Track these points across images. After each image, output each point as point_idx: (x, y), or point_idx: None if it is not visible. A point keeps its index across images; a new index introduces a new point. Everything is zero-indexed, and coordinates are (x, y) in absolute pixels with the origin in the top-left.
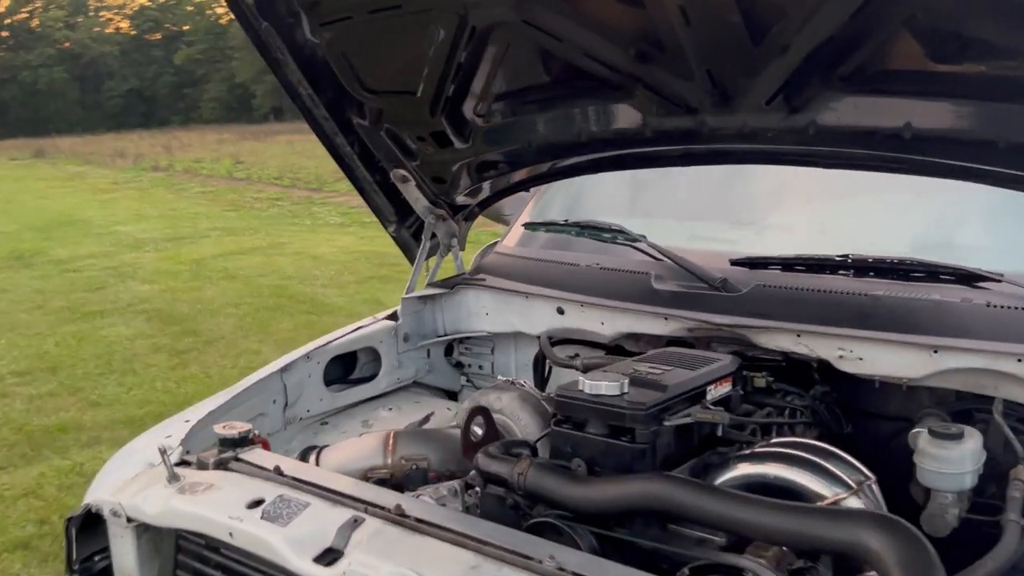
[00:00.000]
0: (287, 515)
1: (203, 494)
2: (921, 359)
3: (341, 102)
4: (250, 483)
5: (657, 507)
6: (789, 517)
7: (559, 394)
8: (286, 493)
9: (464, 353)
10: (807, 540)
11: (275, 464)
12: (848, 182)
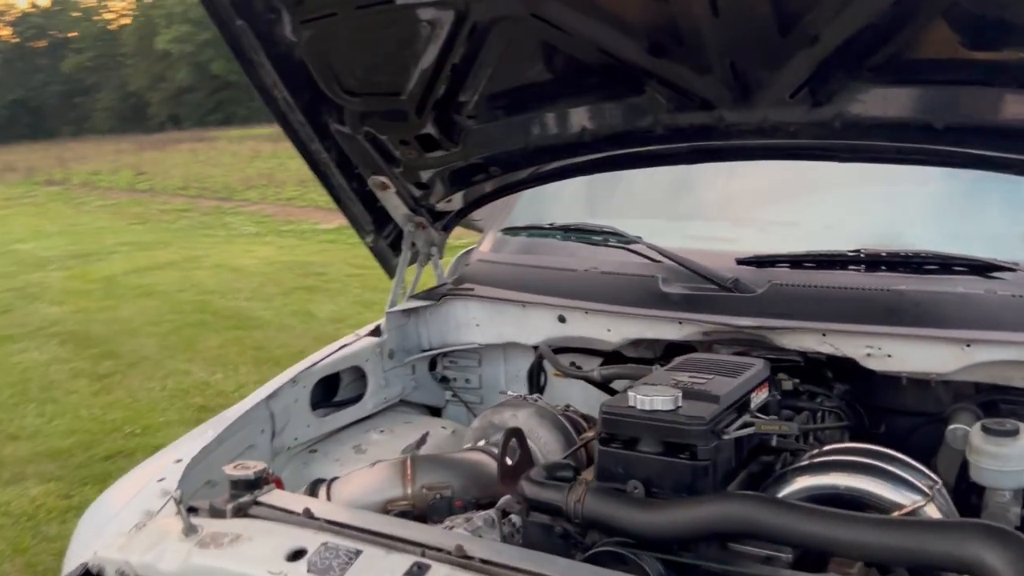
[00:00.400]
0: (338, 566)
1: (230, 547)
2: (953, 353)
3: (318, 106)
4: (282, 530)
5: (739, 529)
6: (894, 533)
7: (607, 411)
8: (329, 540)
9: (449, 367)
10: (915, 556)
11: (303, 506)
12: (847, 174)
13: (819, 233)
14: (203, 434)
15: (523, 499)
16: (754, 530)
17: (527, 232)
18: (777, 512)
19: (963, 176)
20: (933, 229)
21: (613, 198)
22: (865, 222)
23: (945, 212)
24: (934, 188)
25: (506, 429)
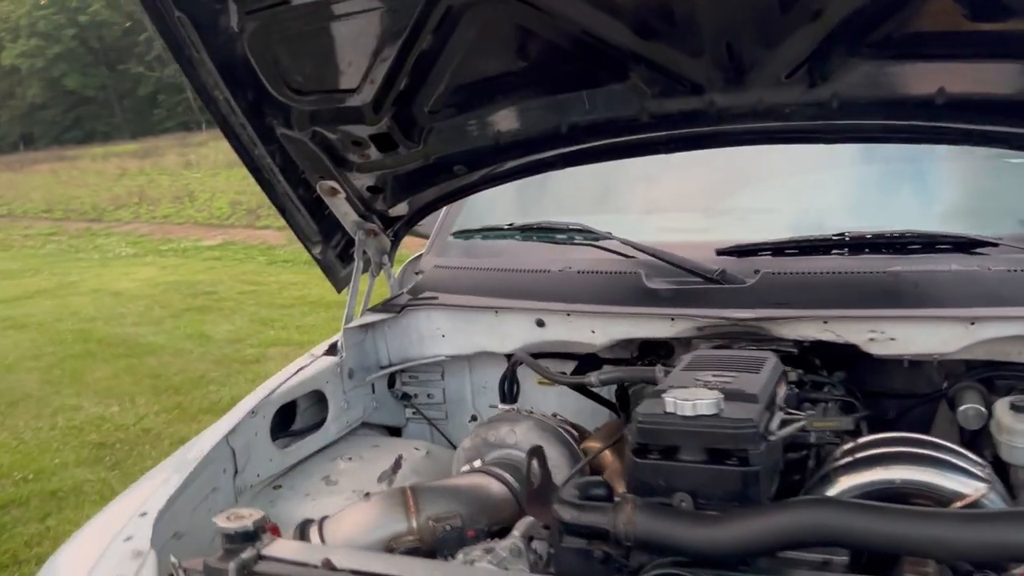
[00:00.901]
0: None
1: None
2: (957, 332)
3: (262, 107)
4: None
5: (816, 537)
6: (986, 527)
7: (643, 420)
8: None
9: (409, 383)
10: (1010, 551)
11: (319, 556)
12: (816, 157)
13: (798, 218)
14: (163, 479)
15: (558, 523)
16: (833, 537)
17: (482, 235)
18: (857, 516)
19: (938, 153)
20: (910, 208)
21: (567, 195)
22: (840, 204)
23: (918, 190)
24: (907, 167)
25: (528, 449)
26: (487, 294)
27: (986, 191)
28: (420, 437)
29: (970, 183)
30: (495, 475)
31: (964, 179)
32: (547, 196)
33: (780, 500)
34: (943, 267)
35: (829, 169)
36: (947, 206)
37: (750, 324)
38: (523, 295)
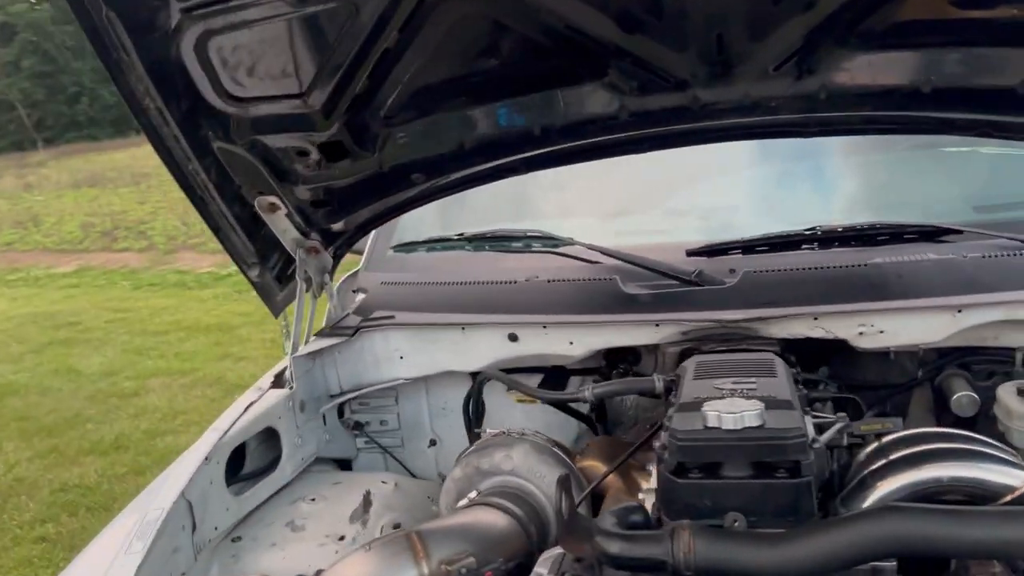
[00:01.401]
0: None
1: None
2: (944, 321)
3: (197, 117)
4: None
5: (895, 548)
6: None
7: (684, 438)
8: None
9: (359, 410)
10: None
11: None
12: (765, 152)
13: (759, 215)
14: (122, 545)
15: (601, 557)
16: (912, 546)
17: (427, 247)
18: (937, 521)
19: (900, 143)
20: (862, 200)
21: (503, 202)
22: (795, 198)
23: (883, 182)
24: (855, 159)
25: (558, 479)
26: (448, 310)
27: (936, 180)
28: (373, 467)
29: (917, 173)
30: (500, 507)
31: (910, 169)
32: (479, 205)
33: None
34: (921, 256)
35: (781, 164)
36: (899, 197)
37: (740, 325)
38: (488, 309)
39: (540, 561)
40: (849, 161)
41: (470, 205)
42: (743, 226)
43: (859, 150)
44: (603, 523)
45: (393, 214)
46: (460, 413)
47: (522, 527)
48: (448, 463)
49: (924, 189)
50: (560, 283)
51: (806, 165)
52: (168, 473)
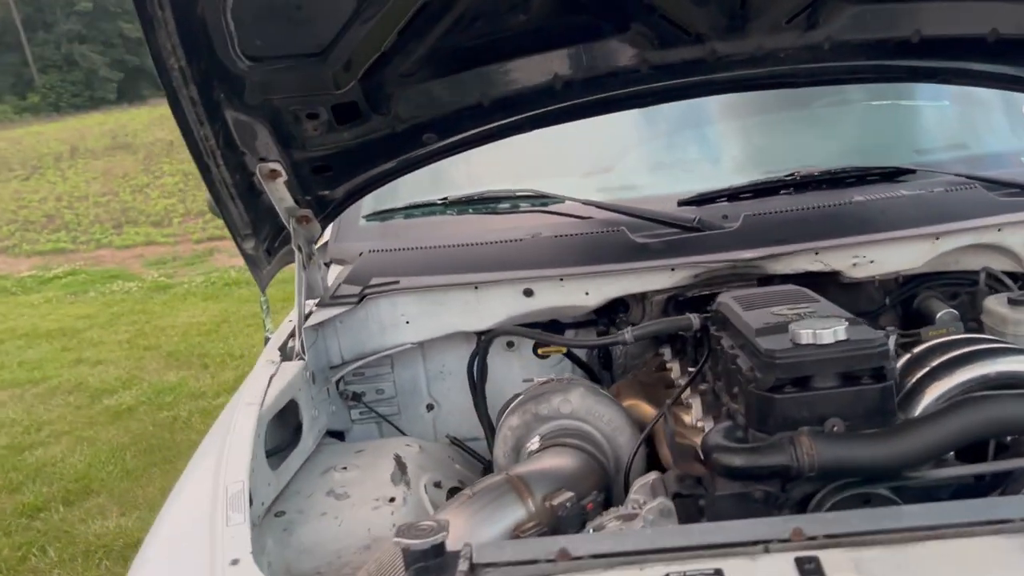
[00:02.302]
0: None
1: None
2: (924, 248)
3: (211, 78)
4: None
5: (994, 430)
6: None
7: (782, 356)
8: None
9: (354, 380)
10: None
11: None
12: (733, 105)
13: (735, 165)
14: (221, 518)
15: (718, 471)
16: (1007, 427)
17: (405, 214)
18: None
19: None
20: (819, 147)
21: (509, 163)
22: (761, 147)
23: (827, 132)
24: (813, 112)
25: (661, 410)
26: (453, 271)
27: (880, 129)
28: (368, 437)
29: (864, 123)
30: (574, 446)
31: (864, 120)
32: (454, 169)
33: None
34: (895, 193)
35: (746, 118)
36: (852, 144)
37: (750, 264)
38: (498, 267)
39: (636, 488)
40: (804, 114)
41: (435, 173)
42: (717, 176)
43: (810, 103)
44: (714, 440)
45: (391, 177)
46: (458, 376)
47: (598, 463)
48: (446, 426)
49: (872, 137)
50: (568, 237)
51: (766, 119)
52: (212, 449)
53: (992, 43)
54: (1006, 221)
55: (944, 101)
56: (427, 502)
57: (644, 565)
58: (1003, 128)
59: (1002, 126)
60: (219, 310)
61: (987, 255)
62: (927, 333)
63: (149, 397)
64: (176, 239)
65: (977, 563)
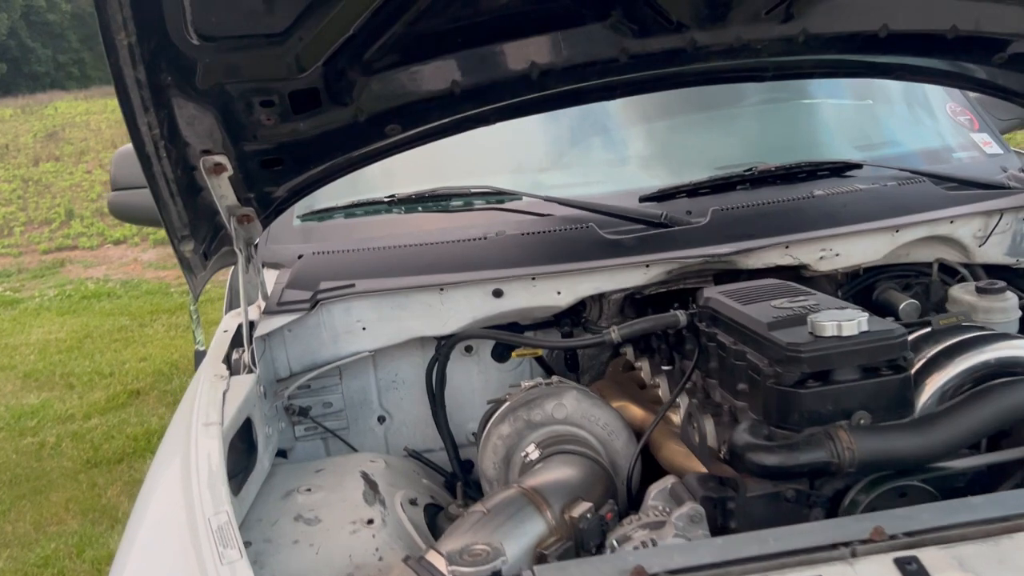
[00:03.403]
0: None
1: None
2: (886, 241)
3: (160, 59)
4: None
5: (1019, 416)
6: None
7: (807, 349)
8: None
9: (299, 395)
10: None
11: (627, 566)
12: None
13: (684, 162)
14: (213, 556)
15: (752, 471)
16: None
17: (345, 213)
18: None
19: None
20: (764, 144)
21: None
22: (708, 145)
23: (767, 129)
24: (755, 109)
25: (686, 411)
26: (411, 273)
27: (821, 127)
28: (314, 455)
29: (807, 121)
30: (577, 453)
31: (803, 117)
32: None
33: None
34: (853, 187)
35: (692, 113)
36: (800, 141)
37: (723, 259)
38: (461, 267)
39: (653, 495)
40: (751, 111)
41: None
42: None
43: (755, 101)
44: (744, 440)
45: (346, 171)
46: (411, 385)
47: (603, 469)
48: (399, 439)
49: (815, 135)
50: (535, 235)
51: (715, 115)
52: (170, 477)
53: (951, 39)
54: (959, 214)
55: (868, 100)
56: (407, 522)
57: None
58: (932, 126)
59: (931, 124)
60: (79, 325)
61: (936, 247)
62: (938, 321)
63: (8, 423)
64: (20, 250)
65: None
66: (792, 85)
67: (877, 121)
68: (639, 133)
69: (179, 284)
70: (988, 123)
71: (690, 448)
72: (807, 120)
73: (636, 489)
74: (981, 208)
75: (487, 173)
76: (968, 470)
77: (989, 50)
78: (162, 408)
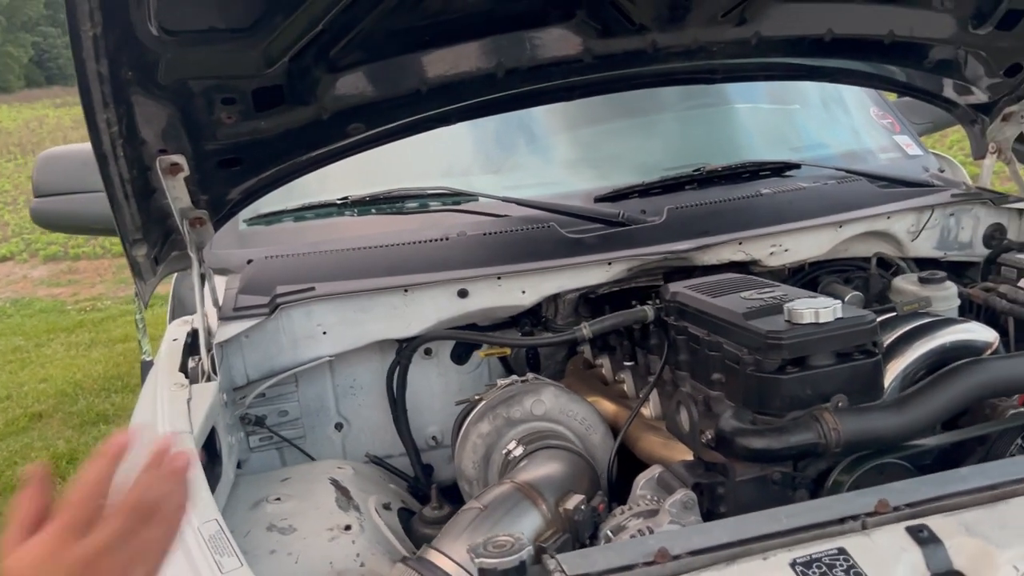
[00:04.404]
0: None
1: None
2: (830, 236)
3: (122, 53)
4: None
5: (992, 391)
6: None
7: (785, 337)
8: (796, 556)
9: (255, 403)
10: None
11: (652, 549)
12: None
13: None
14: (210, 566)
15: (740, 456)
16: (1004, 387)
17: (295, 216)
18: (1011, 366)
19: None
20: (705, 146)
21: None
22: (655, 147)
23: (708, 131)
24: (699, 113)
25: (678, 400)
26: (372, 275)
27: (758, 129)
28: (270, 466)
29: (745, 124)
30: (561, 447)
31: (741, 121)
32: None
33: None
34: (796, 186)
35: (634, 117)
36: (741, 143)
37: (681, 256)
38: (425, 268)
39: (641, 485)
40: (692, 116)
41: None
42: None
43: (698, 104)
44: (732, 425)
45: (304, 171)
46: (370, 391)
47: (586, 462)
48: (357, 446)
49: (753, 138)
50: (497, 235)
51: (660, 117)
52: None
53: (888, 44)
54: (895, 210)
55: (795, 105)
56: (384, 526)
57: (767, 554)
58: (859, 129)
59: (857, 127)
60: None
61: (873, 242)
62: (903, 307)
63: None
64: None
65: None
66: (726, 91)
67: (808, 125)
68: (582, 137)
69: (75, 302)
70: (907, 126)
71: (677, 436)
72: (745, 124)
73: (614, 481)
74: (914, 204)
75: (434, 177)
76: (938, 447)
77: (920, 55)
78: (68, 431)
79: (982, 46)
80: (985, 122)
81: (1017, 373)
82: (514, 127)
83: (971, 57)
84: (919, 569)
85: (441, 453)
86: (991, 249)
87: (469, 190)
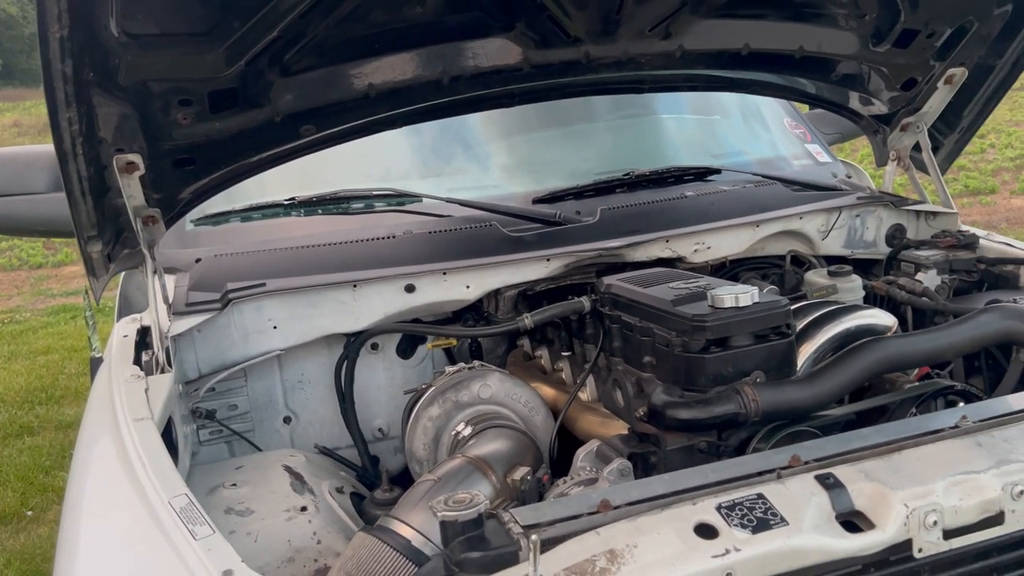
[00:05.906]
0: (766, 512)
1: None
2: (748, 235)
3: (84, 55)
4: (650, 527)
5: (895, 365)
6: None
7: (709, 319)
8: (720, 501)
9: (206, 397)
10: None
11: (595, 501)
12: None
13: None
14: (183, 535)
15: (671, 427)
16: (901, 362)
17: (242, 216)
18: (914, 343)
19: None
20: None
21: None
22: (588, 153)
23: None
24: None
25: (614, 379)
26: (320, 272)
27: (681, 137)
28: (218, 458)
29: (671, 132)
30: (506, 426)
31: (668, 129)
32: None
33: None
34: (716, 189)
35: (568, 125)
36: (659, 150)
37: (614, 252)
38: (372, 265)
39: (581, 457)
40: (623, 123)
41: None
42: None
43: (627, 114)
44: (663, 399)
45: (256, 171)
46: (317, 385)
47: (530, 440)
48: (306, 438)
49: (676, 146)
50: (442, 233)
51: (592, 125)
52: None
53: (799, 59)
54: (807, 211)
55: (716, 116)
56: (337, 507)
57: (696, 500)
58: (773, 138)
59: (771, 136)
60: None
61: (787, 241)
62: (814, 295)
63: None
64: None
65: (950, 460)
66: (653, 102)
67: (727, 134)
68: (520, 144)
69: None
70: (818, 136)
71: (613, 411)
72: (670, 133)
73: (555, 458)
74: (824, 206)
75: (376, 181)
76: (844, 417)
77: (827, 69)
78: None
79: (882, 62)
80: (886, 132)
81: (911, 350)
82: (454, 134)
83: (873, 72)
84: (826, 510)
85: (387, 444)
86: (892, 247)
87: (413, 191)
